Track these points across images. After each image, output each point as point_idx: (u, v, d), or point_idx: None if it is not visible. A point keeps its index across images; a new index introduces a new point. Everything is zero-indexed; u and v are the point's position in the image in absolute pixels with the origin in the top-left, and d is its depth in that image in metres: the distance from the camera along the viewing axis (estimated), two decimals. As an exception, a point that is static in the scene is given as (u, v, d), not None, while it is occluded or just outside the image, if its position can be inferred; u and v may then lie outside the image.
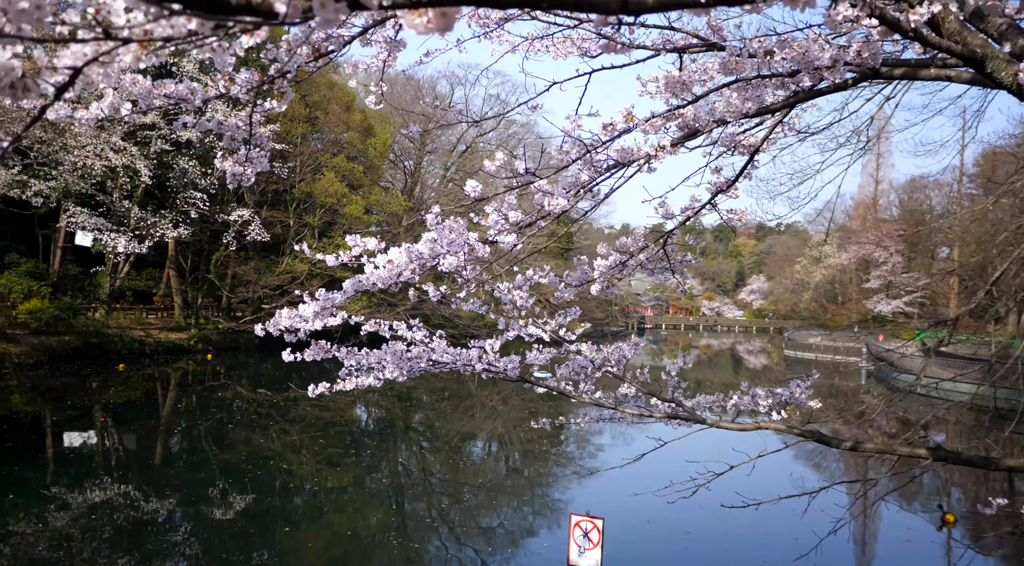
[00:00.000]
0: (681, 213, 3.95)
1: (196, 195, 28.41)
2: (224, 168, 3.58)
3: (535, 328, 5.21)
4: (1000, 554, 9.42)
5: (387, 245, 4.22)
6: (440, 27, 0.93)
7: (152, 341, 29.54)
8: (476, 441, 18.14)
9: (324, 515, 11.34)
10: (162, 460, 14.68)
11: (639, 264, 4.25)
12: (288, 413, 20.11)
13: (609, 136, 2.54)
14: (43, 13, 1.01)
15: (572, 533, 6.03)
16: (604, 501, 10.45)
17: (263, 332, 4.37)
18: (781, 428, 3.69)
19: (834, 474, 14.37)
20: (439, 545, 10.05)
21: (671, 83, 2.52)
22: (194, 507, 11.14)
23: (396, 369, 4.52)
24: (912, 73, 2.59)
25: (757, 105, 2.94)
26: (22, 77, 1.13)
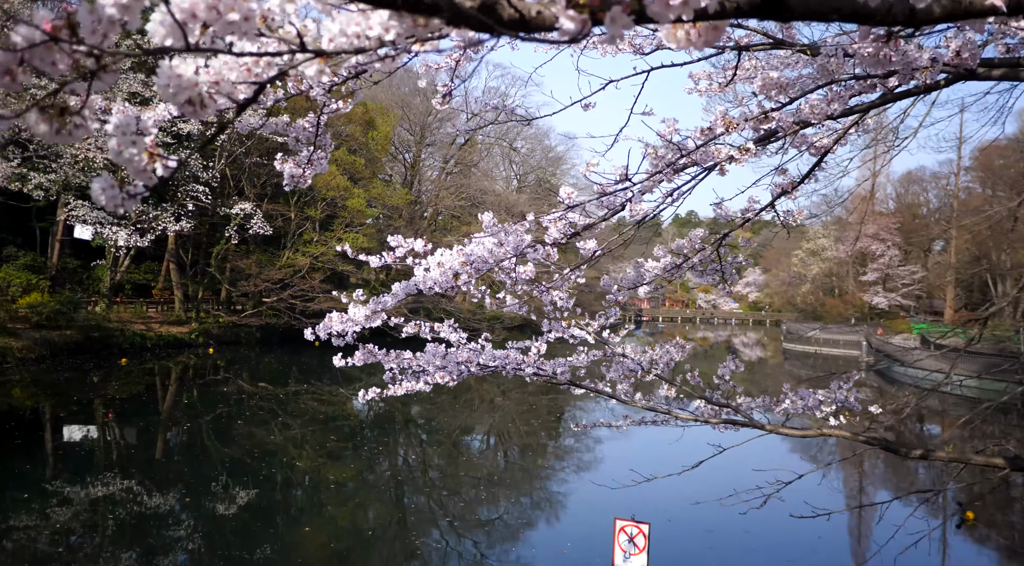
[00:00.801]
0: (742, 214, 3.87)
1: (198, 188, 28.21)
2: (283, 169, 3.49)
3: (578, 330, 5.13)
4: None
5: (433, 246, 4.12)
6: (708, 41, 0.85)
7: (153, 335, 29.38)
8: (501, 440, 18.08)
9: (328, 509, 11.33)
10: (165, 454, 14.64)
11: (691, 266, 4.18)
12: (289, 407, 20.04)
13: (705, 139, 2.45)
14: (251, 26, 0.93)
15: (617, 538, 5.96)
16: (648, 506, 10.24)
17: (313, 336, 4.29)
18: (846, 435, 3.62)
19: (873, 480, 14.31)
20: (474, 546, 9.97)
21: (768, 85, 2.43)
22: (196, 501, 11.10)
23: (446, 373, 4.45)
24: (1013, 74, 2.51)
25: (842, 107, 2.85)
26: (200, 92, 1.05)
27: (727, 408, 4.25)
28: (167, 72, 1.00)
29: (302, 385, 24.57)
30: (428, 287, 3.75)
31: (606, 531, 6.32)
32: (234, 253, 32.79)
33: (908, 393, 6.52)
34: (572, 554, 9.06)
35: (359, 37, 1.06)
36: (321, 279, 33.11)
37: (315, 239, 33.75)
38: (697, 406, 4.64)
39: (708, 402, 4.49)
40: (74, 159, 24.30)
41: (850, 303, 65.05)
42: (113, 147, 1.02)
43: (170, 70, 1.00)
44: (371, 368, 27.00)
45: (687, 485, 10.26)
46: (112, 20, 0.87)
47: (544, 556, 9.37)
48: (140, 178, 1.10)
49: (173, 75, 1.00)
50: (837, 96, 2.79)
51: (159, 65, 0.99)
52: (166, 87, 1.02)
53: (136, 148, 1.02)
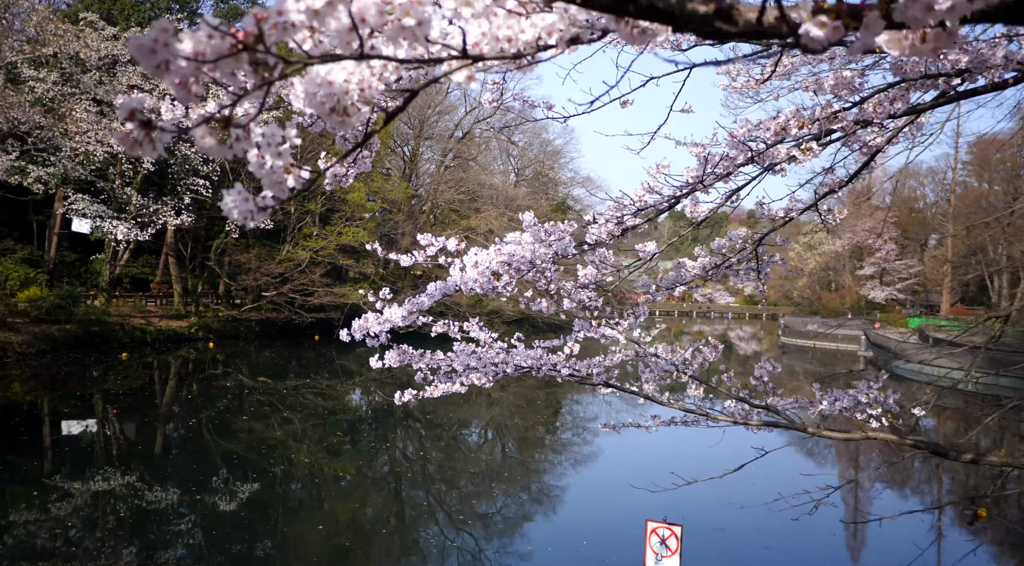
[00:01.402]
0: (785, 213, 3.82)
1: (199, 182, 28.04)
2: (327, 169, 3.41)
3: (610, 329, 5.08)
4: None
5: (466, 245, 4.05)
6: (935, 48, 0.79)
7: (153, 329, 29.24)
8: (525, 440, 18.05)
9: (329, 503, 11.31)
10: (165, 449, 14.59)
11: (728, 265, 4.13)
12: (289, 401, 20.00)
13: (777, 139, 2.40)
14: (425, 30, 0.87)
15: (648, 540, 5.92)
16: (680, 507, 10.10)
17: (348, 337, 4.22)
18: (892, 438, 3.57)
19: (910, 484, 14.27)
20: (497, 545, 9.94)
21: (841, 84, 2.38)
22: (197, 496, 11.06)
23: (483, 375, 4.39)
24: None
25: (905, 105, 2.80)
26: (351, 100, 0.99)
27: (765, 410, 4.20)
28: (317, 79, 0.95)
29: (302, 379, 24.51)
30: (468, 288, 3.70)
31: (635, 532, 6.29)
32: (233, 247, 32.64)
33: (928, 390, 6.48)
34: (601, 556, 8.95)
35: (510, 41, 1.00)
36: (321, 273, 33.00)
37: (315, 233, 33.62)
38: (729, 406, 4.59)
39: (745, 403, 4.45)
40: (73, 152, 24.13)
41: (847, 297, 65.19)
42: (254, 158, 0.96)
43: (321, 77, 0.94)
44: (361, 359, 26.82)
45: (719, 486, 10.20)
46: (297, 26, 0.81)
47: (561, 554, 9.33)
48: (274, 190, 1.05)
49: (324, 82, 0.95)
50: (900, 95, 2.74)
51: (308, 71, 0.93)
52: (313, 95, 0.96)
53: (281, 159, 0.97)
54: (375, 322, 4.07)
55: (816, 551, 9.35)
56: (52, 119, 23.53)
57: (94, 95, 25.11)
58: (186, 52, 0.77)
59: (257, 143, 0.99)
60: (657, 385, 4.70)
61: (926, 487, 13.56)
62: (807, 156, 2.74)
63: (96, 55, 24.65)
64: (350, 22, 0.83)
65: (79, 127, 23.38)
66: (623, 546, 8.83)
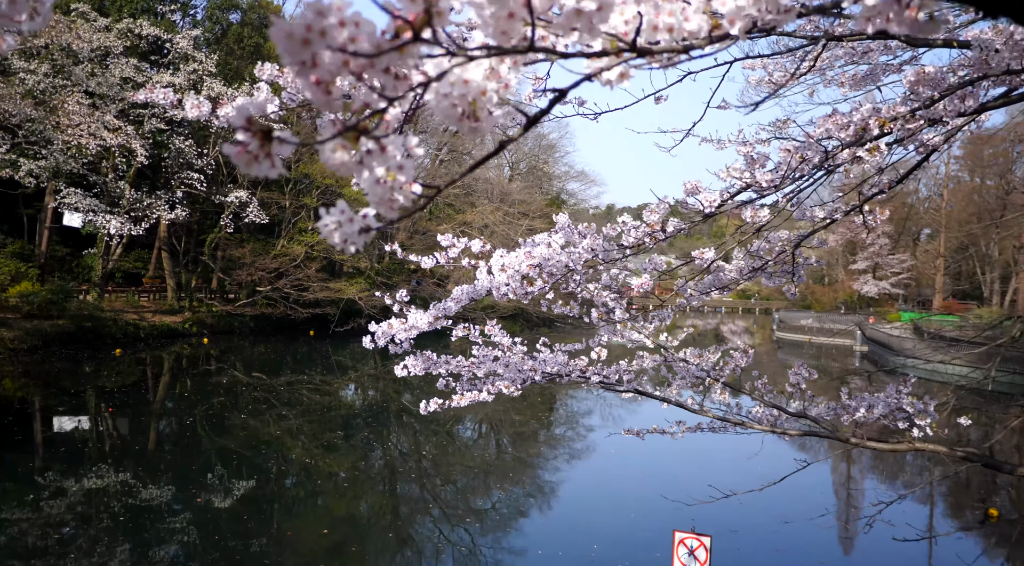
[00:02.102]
0: (829, 215, 3.67)
1: (193, 175, 27.71)
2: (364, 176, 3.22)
3: (637, 334, 4.94)
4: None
5: (491, 248, 3.88)
6: None
7: (146, 325, 28.93)
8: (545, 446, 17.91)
9: (324, 499, 11.24)
10: (159, 446, 14.45)
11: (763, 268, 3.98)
12: (284, 397, 19.85)
13: (854, 139, 2.24)
14: (605, 16, 0.70)
15: (676, 551, 5.77)
16: (707, 517, 9.89)
17: (372, 344, 4.06)
18: (942, 450, 3.43)
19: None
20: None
21: (922, 80, 2.22)
22: (191, 493, 10.94)
23: (510, 382, 4.23)
24: None
25: (975, 103, 2.65)
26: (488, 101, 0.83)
27: (802, 418, 4.06)
28: (451, 78, 0.78)
29: (297, 375, 24.33)
30: (501, 294, 3.54)
31: (661, 541, 6.11)
32: (227, 241, 32.31)
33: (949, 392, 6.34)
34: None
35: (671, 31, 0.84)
36: (316, 268, 32.72)
37: (310, 227, 33.30)
38: (756, 413, 4.46)
39: (779, 410, 4.29)
40: (66, 145, 23.77)
41: (840, 291, 65.30)
42: (371, 175, 0.79)
43: (456, 75, 0.77)
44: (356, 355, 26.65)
45: (749, 495, 10.03)
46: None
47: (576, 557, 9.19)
48: (383, 208, 0.88)
49: (459, 81, 0.78)
50: (971, 92, 2.59)
51: (450, 71, 0.76)
52: (445, 96, 0.79)
53: (404, 175, 0.80)
54: (401, 328, 3.87)
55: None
56: (43, 111, 23.19)
57: (86, 87, 24.74)
58: (338, 43, 0.60)
59: (376, 157, 0.82)
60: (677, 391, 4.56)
61: (965, 496, 12.98)
62: (874, 156, 2.58)
63: (88, 46, 24.30)
64: (514, 7, 0.67)
65: (71, 120, 23.04)
66: (647, 556, 8.70)
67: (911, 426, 4.02)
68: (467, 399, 4.12)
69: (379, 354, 31.71)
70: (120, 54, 25.62)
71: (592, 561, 8.67)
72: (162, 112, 26.29)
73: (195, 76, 26.93)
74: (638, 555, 8.72)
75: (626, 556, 8.71)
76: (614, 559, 8.62)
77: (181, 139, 27.16)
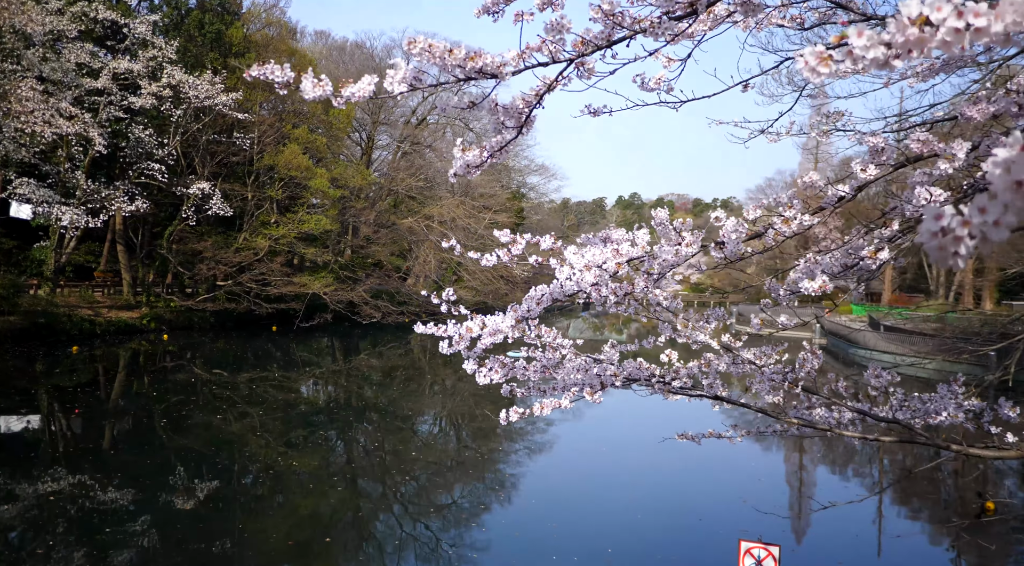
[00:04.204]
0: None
1: (154, 166, 26.70)
2: (457, 156, 3.02)
3: (702, 335, 4.76)
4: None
5: (427, 231, 3.67)
6: None
7: (102, 320, 27.89)
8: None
9: (289, 498, 10.99)
10: (117, 446, 13.89)
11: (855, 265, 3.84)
12: (246, 394, 19.40)
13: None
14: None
15: (742, 561, 5.62)
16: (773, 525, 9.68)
17: (450, 350, 3.84)
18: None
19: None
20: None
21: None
22: (151, 495, 10.55)
23: (590, 388, 4.01)
24: None
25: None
26: None
27: (896, 423, 3.94)
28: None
29: (259, 371, 23.79)
30: (593, 294, 3.34)
31: (725, 549, 5.94)
32: (187, 235, 31.30)
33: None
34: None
35: None
36: (282, 263, 31.96)
37: (273, 220, 32.48)
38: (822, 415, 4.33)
39: (866, 416, 4.17)
40: (18, 133, 22.67)
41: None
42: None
43: None
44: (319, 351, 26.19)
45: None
46: None
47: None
48: (940, 258, 0.68)
49: None
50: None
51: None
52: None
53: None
54: (486, 333, 3.60)
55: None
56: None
57: (39, 73, 23.65)
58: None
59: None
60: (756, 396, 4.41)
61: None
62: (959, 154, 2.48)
63: (41, 30, 23.21)
64: None
65: (24, 106, 21.97)
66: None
67: (1004, 431, 3.94)
68: (548, 408, 3.90)
69: (341, 349, 31.23)
70: (74, 38, 24.55)
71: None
72: (119, 99, 25.32)
73: (154, 63, 25.98)
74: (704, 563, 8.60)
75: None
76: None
77: (140, 128, 26.16)
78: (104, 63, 25.29)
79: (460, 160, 2.95)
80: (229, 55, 30.35)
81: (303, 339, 31.48)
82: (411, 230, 40.09)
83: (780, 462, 14.24)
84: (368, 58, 51.02)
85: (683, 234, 3.42)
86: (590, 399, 3.97)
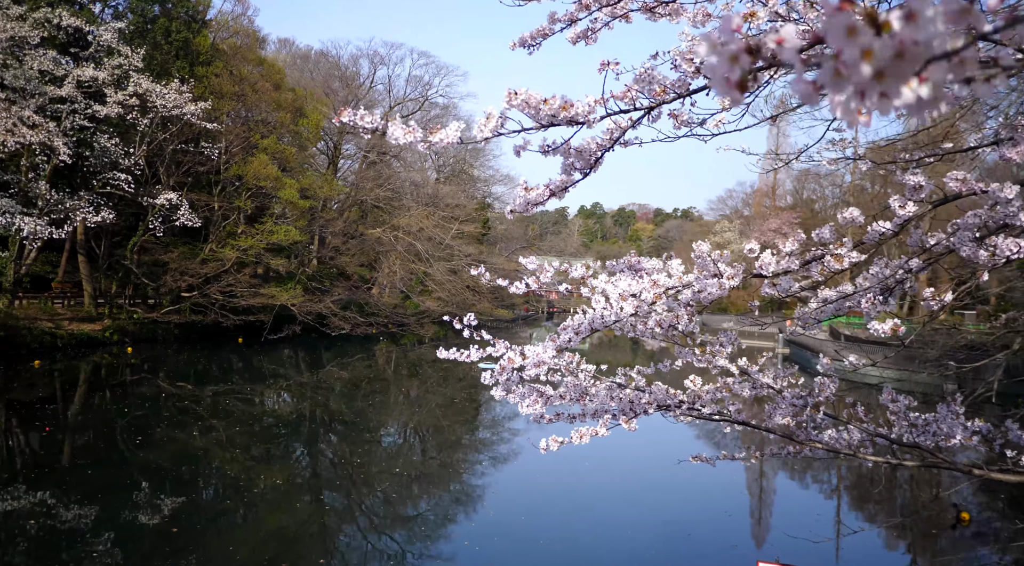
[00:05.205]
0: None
1: (120, 176, 26.12)
2: (521, 194, 3.09)
3: (722, 361, 4.86)
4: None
5: (592, 272, 3.76)
6: None
7: (64, 333, 27.20)
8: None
9: (255, 513, 10.97)
10: (79, 462, 13.66)
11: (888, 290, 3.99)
12: (211, 407, 19.17)
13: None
14: None
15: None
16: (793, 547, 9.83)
17: (492, 380, 3.91)
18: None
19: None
20: None
21: None
22: (114, 512, 10.42)
23: (626, 416, 4.11)
24: None
25: None
26: None
27: (916, 448, 4.07)
28: None
29: (225, 384, 23.48)
30: (629, 324, 3.47)
31: None
32: (152, 245, 30.66)
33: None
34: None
35: None
36: (251, 274, 31.46)
37: (240, 231, 31.97)
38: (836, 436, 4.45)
39: (886, 440, 4.30)
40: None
41: (754, 295, 67.66)
42: None
43: None
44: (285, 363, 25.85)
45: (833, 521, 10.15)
46: None
47: None
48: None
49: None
50: None
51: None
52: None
53: None
54: (529, 363, 3.68)
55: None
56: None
57: (0, 80, 23.04)
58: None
59: None
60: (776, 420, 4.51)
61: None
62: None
63: (3, 36, 22.65)
64: None
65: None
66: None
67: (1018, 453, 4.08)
68: (586, 436, 3.97)
69: (308, 361, 30.89)
70: (37, 45, 23.98)
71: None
72: (83, 108, 24.77)
73: (120, 71, 25.49)
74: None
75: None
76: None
77: (106, 137, 25.61)
78: (68, 71, 24.75)
79: (522, 198, 3.01)
80: (196, 64, 29.95)
81: (269, 351, 31.12)
82: (379, 240, 39.87)
83: (794, 485, 14.32)
84: (334, 66, 50.75)
85: (721, 266, 3.53)
86: (625, 427, 4.05)
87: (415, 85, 55.57)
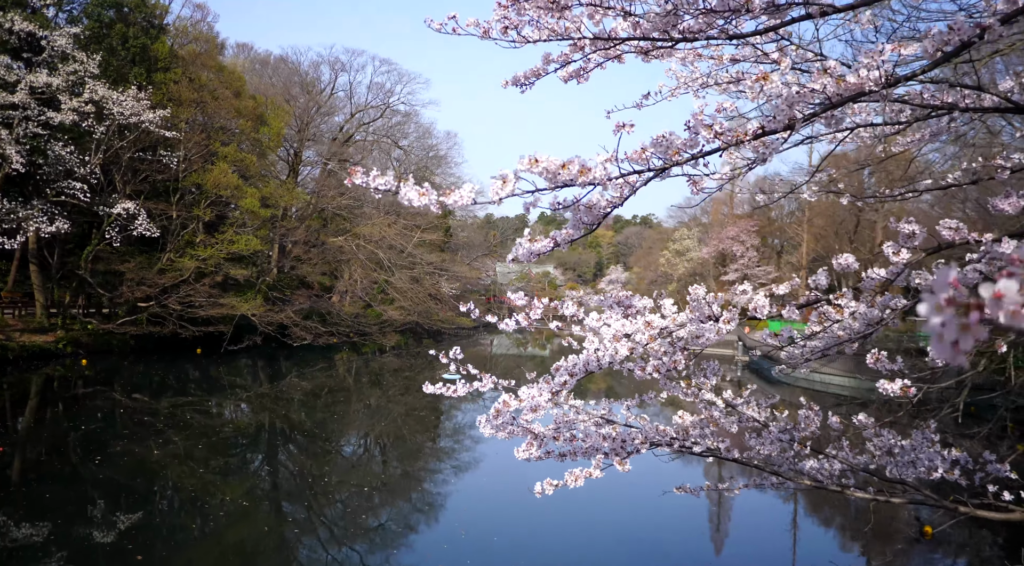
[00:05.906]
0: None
1: (75, 185, 25.46)
2: (524, 244, 3.09)
3: (709, 394, 4.91)
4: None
5: (584, 311, 3.76)
6: None
7: (15, 345, 26.39)
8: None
9: (216, 528, 10.80)
10: (30, 478, 13.21)
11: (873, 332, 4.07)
12: (168, 420, 18.81)
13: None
14: None
15: None
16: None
17: (489, 428, 3.92)
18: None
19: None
20: None
21: None
22: (66, 530, 10.15)
23: (619, 457, 4.12)
24: None
25: None
26: None
27: (903, 484, 4.14)
28: None
29: (183, 396, 23.04)
30: (620, 364, 3.51)
31: None
32: (109, 255, 29.92)
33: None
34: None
35: None
36: (211, 284, 30.87)
37: (199, 240, 31.37)
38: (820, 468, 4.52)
39: (872, 475, 4.38)
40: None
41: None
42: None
43: None
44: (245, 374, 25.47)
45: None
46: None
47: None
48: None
49: None
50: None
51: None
52: None
53: None
54: (526, 406, 3.70)
55: None
56: None
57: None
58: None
59: None
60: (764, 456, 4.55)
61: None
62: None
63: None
64: None
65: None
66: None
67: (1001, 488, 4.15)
68: (581, 479, 3.96)
69: (267, 372, 30.46)
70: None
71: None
72: (37, 114, 24.11)
73: (75, 77, 24.89)
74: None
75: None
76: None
77: (60, 145, 24.96)
78: (20, 76, 24.09)
79: (525, 248, 2.99)
80: (154, 70, 29.38)
81: (229, 362, 30.63)
82: (341, 249, 39.52)
83: (773, 515, 14.03)
84: (294, 72, 50.27)
85: (717, 309, 3.55)
86: (619, 468, 4.05)
87: (377, 92, 55.32)
